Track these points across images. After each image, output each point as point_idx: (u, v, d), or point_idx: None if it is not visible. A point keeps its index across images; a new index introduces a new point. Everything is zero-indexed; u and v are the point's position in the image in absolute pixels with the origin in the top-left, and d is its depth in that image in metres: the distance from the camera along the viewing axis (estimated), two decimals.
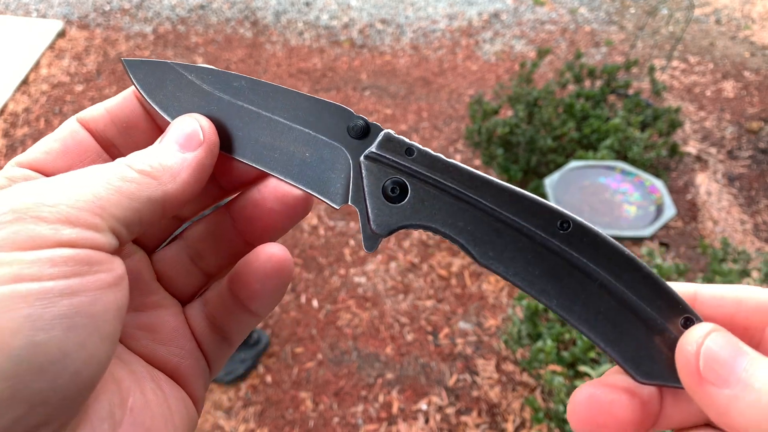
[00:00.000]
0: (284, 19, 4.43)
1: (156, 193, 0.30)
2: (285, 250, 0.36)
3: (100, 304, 0.25)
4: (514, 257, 0.32)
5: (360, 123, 0.35)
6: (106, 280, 0.26)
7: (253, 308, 0.37)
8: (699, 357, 0.27)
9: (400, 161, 0.34)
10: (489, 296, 2.44)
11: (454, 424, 2.02)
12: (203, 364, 0.38)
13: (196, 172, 0.33)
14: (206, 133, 0.34)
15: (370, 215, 0.34)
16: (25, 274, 0.24)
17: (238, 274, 0.36)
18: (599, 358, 1.64)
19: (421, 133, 3.34)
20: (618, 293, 0.31)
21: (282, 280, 0.36)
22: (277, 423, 2.01)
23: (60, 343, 0.24)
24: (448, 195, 0.33)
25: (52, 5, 4.38)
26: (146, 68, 0.37)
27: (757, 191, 3.08)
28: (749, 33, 4.57)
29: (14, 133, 3.22)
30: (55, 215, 0.26)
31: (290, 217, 0.37)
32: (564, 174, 2.28)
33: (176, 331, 0.37)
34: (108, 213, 0.28)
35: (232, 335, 0.38)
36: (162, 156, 0.32)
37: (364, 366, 2.18)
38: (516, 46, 4.27)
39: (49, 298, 0.24)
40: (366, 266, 2.54)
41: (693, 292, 0.32)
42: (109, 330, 0.26)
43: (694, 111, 3.66)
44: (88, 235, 0.26)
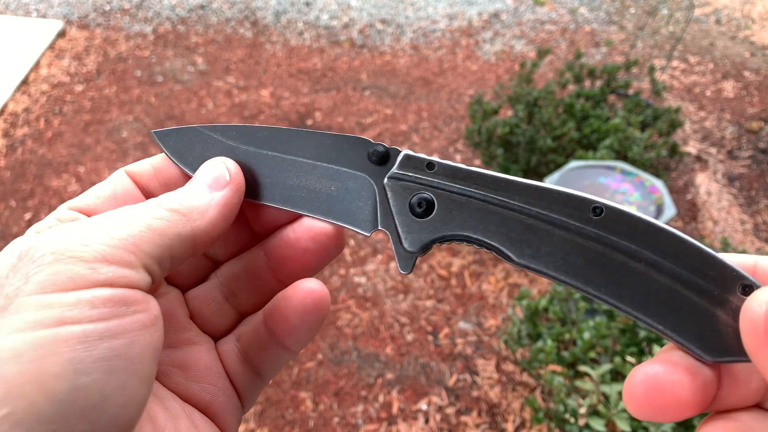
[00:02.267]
0: (284, 19, 4.43)
1: (185, 229, 0.31)
2: (323, 285, 0.37)
3: (138, 346, 0.26)
4: (551, 252, 0.31)
5: (379, 149, 0.36)
6: (143, 321, 0.27)
7: (288, 344, 0.37)
8: (766, 318, 0.26)
9: (423, 177, 0.34)
10: (489, 296, 2.44)
11: (454, 424, 2.02)
12: (235, 400, 0.38)
13: (224, 209, 0.34)
14: (232, 174, 0.36)
15: (401, 234, 0.34)
16: (66, 317, 0.24)
17: (276, 308, 0.37)
18: (599, 358, 1.64)
19: (421, 133, 3.34)
20: (667, 270, 0.29)
21: (320, 315, 0.36)
22: (277, 423, 2.01)
23: (100, 386, 0.24)
24: (475, 201, 0.33)
25: (52, 5, 4.38)
26: (175, 136, 0.39)
27: (757, 191, 3.08)
28: (749, 33, 4.57)
29: (14, 133, 3.22)
30: (92, 254, 0.26)
31: (324, 256, 0.38)
32: (564, 174, 2.27)
33: (209, 368, 0.37)
34: (141, 250, 0.28)
35: (264, 371, 0.39)
36: (191, 196, 0.33)
37: (364, 366, 2.18)
38: (516, 46, 4.27)
39: (90, 341, 0.24)
40: (366, 266, 2.54)
41: (753, 263, 0.31)
42: (146, 371, 0.27)
43: (694, 111, 3.66)
44: (125, 273, 0.27)
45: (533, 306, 1.84)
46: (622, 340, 1.63)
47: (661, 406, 0.29)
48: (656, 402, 0.29)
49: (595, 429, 1.41)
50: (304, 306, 0.36)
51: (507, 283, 2.49)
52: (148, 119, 3.35)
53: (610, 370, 1.53)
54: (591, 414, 1.46)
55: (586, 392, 1.56)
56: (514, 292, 2.45)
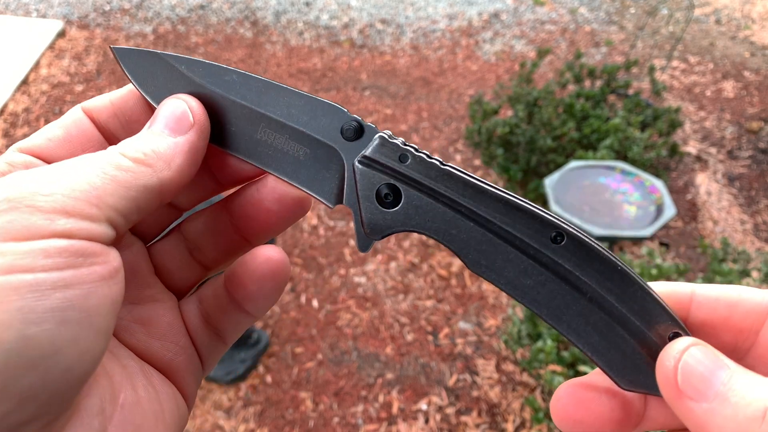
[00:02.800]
0: (284, 19, 4.43)
1: (152, 180, 0.30)
2: (282, 252, 0.36)
3: (94, 298, 0.25)
4: (505, 267, 0.32)
5: (354, 124, 0.34)
6: (101, 272, 0.26)
7: (249, 309, 0.37)
8: (677, 371, 0.27)
9: (394, 167, 0.33)
10: (489, 296, 2.44)
11: (454, 424, 2.02)
12: (196, 361, 0.37)
13: (190, 155, 0.32)
14: (196, 115, 0.33)
15: (363, 218, 0.34)
16: (17, 265, 0.23)
17: (235, 274, 0.36)
18: None
19: (421, 133, 3.34)
20: (607, 306, 0.31)
21: (278, 282, 0.36)
22: (277, 423, 2.01)
23: (52, 337, 0.23)
24: (442, 203, 0.33)
25: (52, 5, 4.38)
26: (137, 58, 0.36)
27: (757, 191, 3.08)
28: (749, 33, 4.57)
29: (14, 133, 3.22)
30: (51, 205, 0.25)
31: (288, 217, 0.37)
32: (564, 174, 2.28)
33: (171, 326, 0.36)
34: (104, 203, 0.27)
35: (226, 334, 0.38)
36: (154, 142, 0.31)
37: (364, 366, 2.18)
38: (516, 46, 4.27)
39: (42, 290, 0.23)
40: (366, 266, 2.54)
41: (690, 292, 0.32)
42: (103, 325, 0.26)
43: (694, 111, 3.66)
44: (84, 226, 0.26)
45: None
46: None
47: (580, 420, 0.31)
48: (576, 415, 0.31)
49: None
50: (261, 273, 0.35)
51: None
52: None
53: None
54: None
55: None
56: None
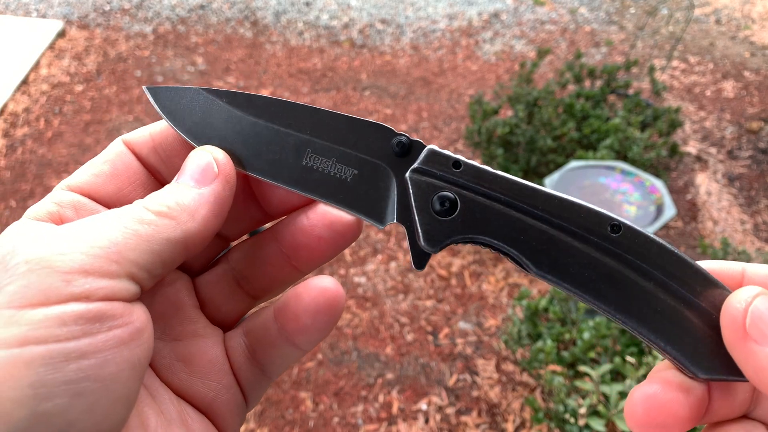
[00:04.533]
0: (284, 19, 4.43)
1: (175, 233, 0.29)
2: (337, 283, 0.35)
3: (112, 365, 0.24)
4: (569, 263, 0.32)
5: (402, 139, 0.34)
6: (121, 336, 0.25)
7: (299, 342, 0.35)
8: (746, 314, 0.28)
9: (448, 175, 0.33)
10: (489, 296, 2.44)
11: (454, 424, 2.02)
12: (239, 398, 0.36)
13: (215, 206, 0.31)
14: (220, 164, 0.32)
15: (420, 231, 0.33)
16: (31, 336, 0.22)
17: (287, 306, 0.35)
18: (599, 358, 1.64)
19: (421, 133, 3.34)
20: (672, 291, 0.31)
21: (334, 315, 0.34)
22: (277, 423, 2.01)
23: (65, 411, 0.22)
24: (499, 205, 0.32)
25: (52, 5, 4.38)
26: (171, 95, 0.35)
27: (757, 191, 3.08)
28: (749, 33, 4.57)
29: (14, 133, 3.22)
30: (68, 264, 0.24)
31: (339, 244, 0.35)
32: (564, 174, 2.27)
33: (214, 362, 0.35)
34: (125, 258, 0.26)
35: (271, 368, 0.37)
36: (178, 194, 0.31)
37: (364, 366, 2.18)
38: (516, 46, 4.27)
39: (55, 363, 0.22)
40: (366, 266, 2.54)
41: (741, 269, 0.33)
42: (122, 392, 0.25)
43: (694, 111, 3.66)
44: (103, 284, 0.25)
45: (533, 306, 1.84)
46: (622, 340, 1.63)
47: (661, 424, 0.31)
48: (656, 420, 0.31)
49: (595, 429, 1.41)
50: (317, 305, 0.34)
51: (507, 283, 2.49)
52: (148, 119, 3.35)
53: (610, 370, 1.53)
54: (591, 414, 1.46)
55: (586, 392, 1.56)
56: (514, 292, 2.45)
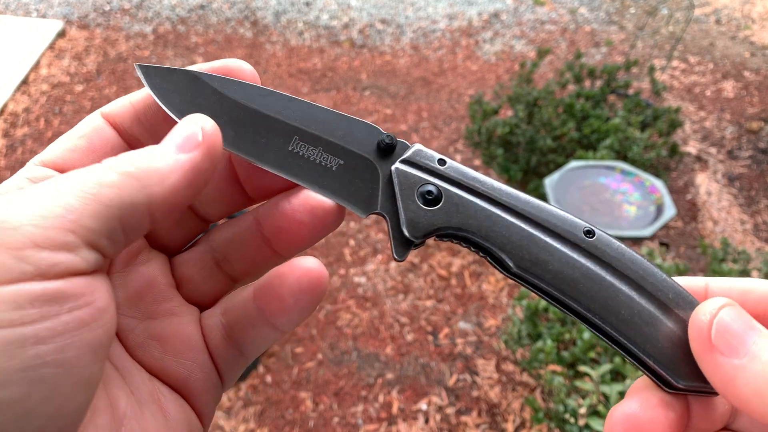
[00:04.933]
0: (284, 19, 4.43)
1: (139, 196, 0.26)
2: (321, 265, 0.34)
3: (72, 349, 0.22)
4: (549, 261, 0.33)
5: (389, 138, 0.36)
6: (82, 318, 0.23)
7: (279, 324, 0.35)
8: (712, 326, 0.28)
9: (434, 168, 0.35)
10: (489, 296, 2.44)
11: (454, 424, 2.02)
12: (215, 377, 0.35)
13: (189, 175, 0.29)
14: (206, 134, 0.30)
15: (404, 219, 0.34)
16: None
17: (269, 286, 0.34)
18: (599, 358, 1.64)
19: (421, 133, 3.34)
20: (648, 295, 0.32)
21: (316, 296, 0.34)
22: (277, 423, 2.01)
23: (23, 399, 0.21)
24: (482, 201, 0.34)
25: (52, 5, 4.38)
26: (163, 74, 0.35)
27: (757, 191, 3.08)
28: (749, 33, 4.57)
29: (14, 133, 3.22)
30: (20, 239, 0.21)
31: (320, 230, 0.35)
32: (564, 174, 2.27)
33: (188, 341, 0.34)
34: (83, 226, 0.23)
35: (248, 349, 0.36)
36: (152, 156, 0.28)
37: (364, 366, 2.18)
38: (516, 46, 4.27)
39: (10, 349, 0.20)
40: (366, 266, 2.54)
41: (704, 285, 0.33)
42: (83, 375, 0.23)
43: (694, 111, 3.66)
44: (61, 259, 0.22)
45: (533, 306, 1.83)
46: None
47: None
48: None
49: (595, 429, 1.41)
50: (300, 285, 0.33)
51: (507, 283, 2.49)
52: None
53: (610, 370, 1.53)
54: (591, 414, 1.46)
55: (586, 392, 1.56)
56: (514, 292, 2.45)
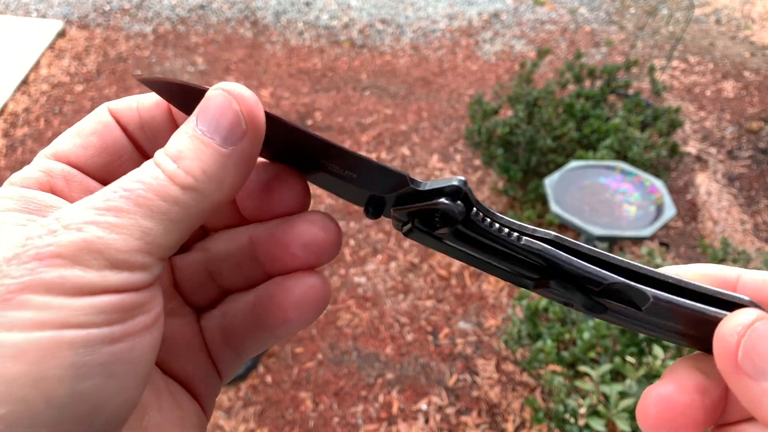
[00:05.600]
0: (284, 19, 4.43)
1: (202, 207, 0.27)
2: (325, 281, 0.34)
3: (138, 349, 0.25)
4: None
5: None
6: (146, 322, 0.26)
7: (279, 333, 0.35)
8: (738, 347, 0.26)
9: None
10: (489, 296, 2.44)
11: (454, 424, 2.02)
12: (215, 377, 0.37)
13: (242, 169, 0.28)
14: (250, 118, 0.29)
15: None
16: (72, 321, 0.23)
17: (272, 298, 0.34)
18: (599, 358, 1.64)
19: (421, 133, 3.34)
20: None
21: (319, 310, 0.34)
22: (277, 423, 2.01)
23: (100, 391, 0.24)
24: None
25: (52, 5, 4.38)
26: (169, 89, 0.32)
27: (757, 191, 3.08)
28: (749, 33, 4.57)
29: (14, 133, 3.22)
30: (103, 263, 0.24)
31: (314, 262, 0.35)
32: (564, 174, 2.27)
33: (190, 343, 0.35)
34: (157, 246, 0.26)
35: (245, 352, 0.37)
36: (203, 158, 0.27)
37: (364, 366, 2.18)
38: (516, 46, 4.27)
39: (92, 346, 0.23)
40: (366, 266, 2.54)
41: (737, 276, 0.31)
42: (144, 372, 0.26)
43: (694, 111, 3.66)
44: (136, 278, 0.25)
45: (533, 306, 1.83)
46: (622, 340, 1.63)
47: (674, 426, 0.29)
48: (669, 422, 0.29)
49: (595, 429, 1.41)
50: (305, 300, 0.33)
51: (507, 283, 2.48)
52: None
53: (610, 370, 1.53)
54: (591, 414, 1.46)
55: (586, 392, 1.55)
56: (514, 292, 2.45)
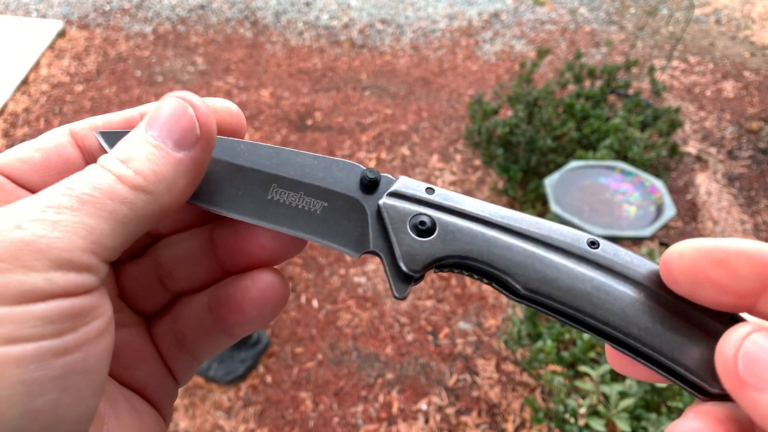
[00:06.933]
0: (284, 19, 4.43)
1: (151, 208, 0.26)
2: (283, 277, 0.34)
3: (92, 357, 0.24)
4: (556, 278, 0.30)
5: (372, 174, 0.34)
6: (99, 327, 0.24)
7: (236, 332, 0.34)
8: (737, 359, 0.25)
9: (423, 197, 0.33)
10: (489, 296, 2.44)
11: (454, 424, 2.02)
12: (170, 382, 0.35)
13: (192, 175, 0.28)
14: (203, 125, 0.28)
15: (399, 254, 0.32)
16: (19, 335, 0.21)
17: (229, 299, 0.33)
18: (599, 358, 1.64)
19: (421, 133, 3.34)
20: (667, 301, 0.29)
21: (279, 307, 0.33)
22: (277, 423, 2.01)
23: (54, 407, 0.22)
24: (478, 223, 0.32)
25: (52, 5, 4.38)
26: None
27: (757, 191, 3.08)
28: (749, 33, 4.57)
29: (14, 133, 3.22)
30: (46, 263, 0.23)
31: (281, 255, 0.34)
32: (564, 174, 2.27)
33: (141, 352, 0.34)
34: (102, 246, 0.24)
35: (201, 355, 0.36)
36: (155, 161, 0.27)
37: (364, 366, 2.18)
38: (516, 46, 4.27)
39: (44, 360, 0.22)
40: (366, 266, 2.54)
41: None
42: (100, 380, 0.24)
43: (694, 111, 3.66)
44: (83, 280, 0.24)
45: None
46: None
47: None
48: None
49: (595, 429, 1.41)
50: (264, 299, 0.33)
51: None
52: None
53: (610, 370, 1.53)
54: (591, 414, 1.46)
55: (586, 392, 1.56)
56: None
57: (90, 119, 0.32)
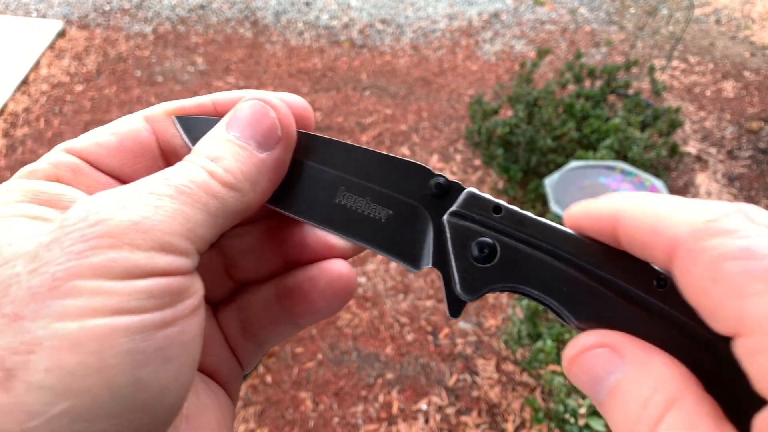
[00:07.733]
0: (284, 19, 4.43)
1: (238, 206, 0.28)
2: (350, 267, 0.34)
3: (188, 332, 0.25)
4: (612, 318, 0.29)
5: (441, 180, 0.33)
6: (193, 305, 0.26)
7: (303, 322, 0.35)
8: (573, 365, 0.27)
9: (488, 219, 0.32)
10: (489, 296, 2.44)
11: (454, 424, 2.02)
12: (237, 368, 0.36)
13: (275, 174, 0.30)
14: (285, 125, 0.30)
15: (456, 278, 0.31)
16: (125, 307, 0.23)
17: (299, 289, 0.34)
18: None
19: (421, 133, 3.34)
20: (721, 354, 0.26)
21: (346, 298, 0.34)
22: (277, 423, 2.01)
23: (158, 377, 0.23)
24: (541, 253, 0.31)
25: (52, 5, 4.38)
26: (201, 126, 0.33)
27: (757, 191, 3.08)
28: (749, 33, 4.57)
29: (14, 133, 3.22)
30: (150, 243, 0.24)
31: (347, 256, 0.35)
32: (564, 174, 2.27)
33: (211, 339, 0.35)
34: (197, 235, 0.26)
35: (266, 342, 0.37)
36: (241, 161, 0.29)
37: (364, 366, 2.18)
38: (516, 46, 4.27)
39: (147, 331, 0.23)
40: (366, 266, 2.54)
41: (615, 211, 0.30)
42: (195, 356, 0.26)
43: (694, 111, 3.66)
44: (181, 263, 0.25)
45: (533, 306, 1.84)
46: None
47: None
48: None
49: (595, 429, 1.41)
50: (333, 289, 0.33)
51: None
52: None
53: None
54: (591, 414, 1.46)
55: None
56: None
57: (163, 104, 0.33)
